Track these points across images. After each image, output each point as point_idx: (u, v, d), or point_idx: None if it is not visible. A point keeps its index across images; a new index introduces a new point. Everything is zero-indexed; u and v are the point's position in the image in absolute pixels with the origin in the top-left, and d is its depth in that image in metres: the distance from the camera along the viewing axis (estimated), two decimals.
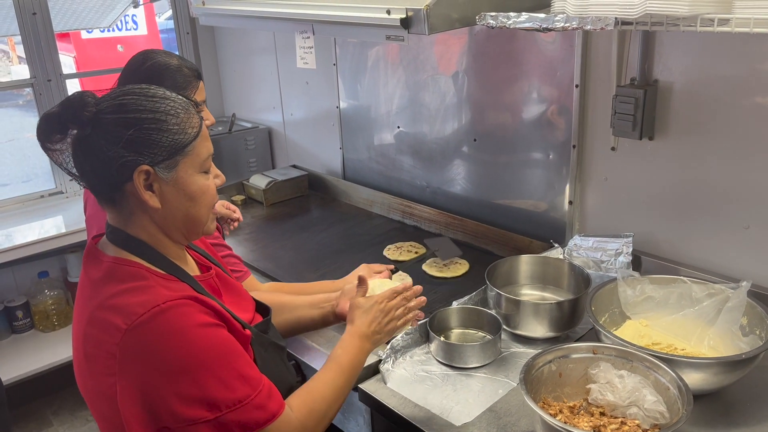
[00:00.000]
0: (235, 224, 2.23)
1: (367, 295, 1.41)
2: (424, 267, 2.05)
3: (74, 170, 1.07)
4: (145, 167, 1.03)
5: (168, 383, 0.98)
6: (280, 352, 1.30)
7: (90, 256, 1.12)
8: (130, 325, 0.98)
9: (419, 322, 1.53)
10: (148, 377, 0.98)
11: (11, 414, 2.80)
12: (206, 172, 1.12)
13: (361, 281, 1.42)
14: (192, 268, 1.21)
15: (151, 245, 1.10)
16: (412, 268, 2.04)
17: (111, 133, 1.02)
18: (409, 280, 1.94)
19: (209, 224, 1.16)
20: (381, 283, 1.51)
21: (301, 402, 1.14)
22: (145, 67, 1.64)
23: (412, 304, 1.41)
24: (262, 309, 1.36)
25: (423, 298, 1.42)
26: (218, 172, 1.16)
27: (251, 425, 1.02)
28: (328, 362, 1.26)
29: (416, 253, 2.14)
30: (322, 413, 1.16)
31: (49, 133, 1.04)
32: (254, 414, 1.03)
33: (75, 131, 1.03)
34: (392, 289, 1.38)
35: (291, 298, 1.55)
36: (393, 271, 1.84)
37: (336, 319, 1.49)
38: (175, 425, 0.98)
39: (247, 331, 1.16)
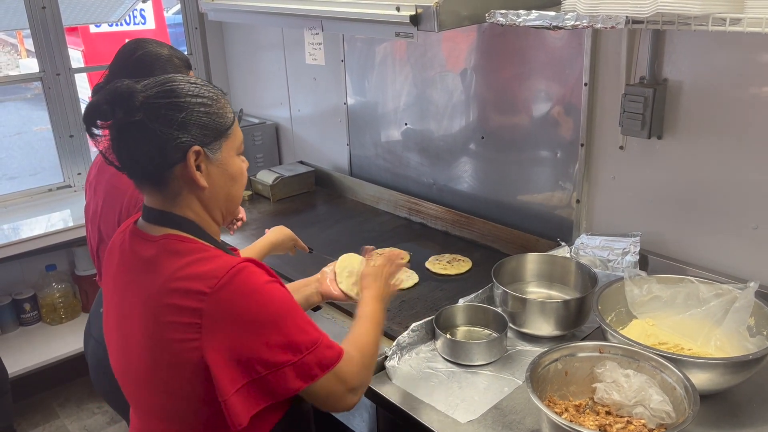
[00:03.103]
0: (239, 224, 2.24)
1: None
2: (427, 264, 2.05)
3: (115, 155, 1.12)
4: (197, 147, 1.10)
5: (257, 335, 1.05)
6: None
7: (136, 237, 1.16)
8: (213, 288, 1.04)
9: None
10: (238, 333, 1.05)
11: (17, 405, 2.83)
12: (240, 155, 1.21)
13: (366, 251, 1.58)
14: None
15: (198, 224, 1.16)
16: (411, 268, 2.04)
17: (164, 117, 1.08)
18: (415, 277, 1.95)
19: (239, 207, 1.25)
20: (351, 258, 1.58)
21: (352, 345, 1.23)
22: (136, 57, 1.64)
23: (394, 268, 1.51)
24: None
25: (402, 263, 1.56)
26: (244, 158, 1.24)
27: (327, 363, 1.11)
28: (360, 319, 1.33)
29: (402, 258, 2.07)
30: (368, 356, 1.25)
31: (96, 119, 1.09)
32: (327, 352, 1.12)
33: (122, 117, 1.07)
34: (387, 257, 1.50)
35: None
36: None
37: (320, 299, 1.55)
38: (265, 371, 1.06)
39: None
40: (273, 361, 1.06)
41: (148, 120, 1.07)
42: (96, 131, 1.10)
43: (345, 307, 1.73)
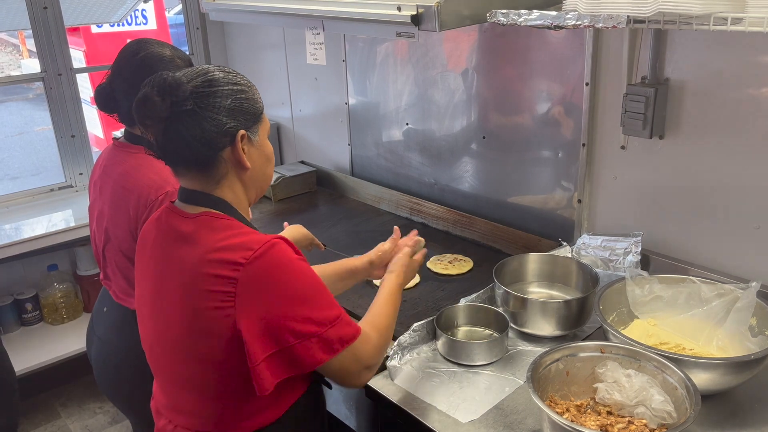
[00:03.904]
0: None
1: None
2: (429, 264, 2.05)
3: (162, 143, 1.18)
4: (242, 131, 1.19)
5: (287, 306, 1.13)
6: None
7: (174, 214, 1.24)
8: (248, 259, 1.12)
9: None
10: (269, 303, 1.12)
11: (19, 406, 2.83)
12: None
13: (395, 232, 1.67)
14: None
15: (233, 205, 1.24)
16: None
17: (213, 105, 1.17)
18: (416, 277, 1.95)
19: None
20: None
21: (371, 325, 1.30)
22: (138, 57, 1.64)
23: (417, 256, 1.59)
24: None
25: (422, 241, 1.64)
26: None
27: (347, 338, 1.19)
28: (380, 300, 1.39)
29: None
30: (384, 337, 1.31)
31: (148, 110, 1.16)
32: (347, 329, 1.19)
33: (173, 107, 1.14)
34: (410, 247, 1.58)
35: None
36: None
37: (368, 272, 1.59)
38: (293, 341, 1.13)
39: None
40: (300, 332, 1.13)
41: (198, 108, 1.15)
42: (149, 122, 1.16)
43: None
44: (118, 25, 5.01)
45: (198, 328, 1.15)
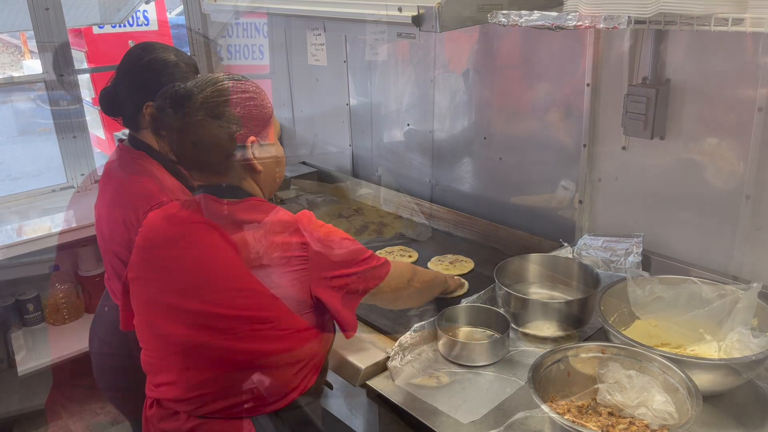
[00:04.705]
0: None
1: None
2: (430, 265, 2.05)
3: (178, 151, 1.28)
4: (252, 137, 1.28)
5: (344, 257, 1.31)
6: None
7: (213, 202, 1.32)
8: (311, 225, 1.29)
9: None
10: (333, 257, 1.30)
11: (21, 406, 2.84)
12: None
13: None
14: None
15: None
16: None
17: (223, 114, 1.24)
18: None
19: None
20: None
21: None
22: (143, 62, 1.65)
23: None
24: None
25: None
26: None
27: (386, 266, 1.39)
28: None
29: (410, 257, 2.11)
30: (421, 270, 1.58)
31: (162, 121, 1.25)
32: (380, 260, 1.39)
33: (185, 117, 1.23)
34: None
35: None
36: None
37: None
38: (354, 280, 1.32)
39: None
40: (355, 272, 1.33)
41: (209, 117, 1.23)
42: (164, 132, 1.26)
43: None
44: (120, 26, 5.02)
45: (277, 284, 1.25)
